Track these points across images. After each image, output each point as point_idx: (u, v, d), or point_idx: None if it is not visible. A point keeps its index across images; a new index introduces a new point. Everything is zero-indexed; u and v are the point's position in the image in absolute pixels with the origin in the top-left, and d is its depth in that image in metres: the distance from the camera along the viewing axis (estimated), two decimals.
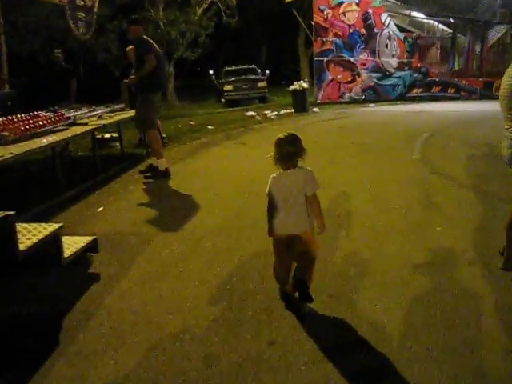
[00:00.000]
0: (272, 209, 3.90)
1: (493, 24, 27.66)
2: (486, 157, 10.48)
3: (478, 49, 27.82)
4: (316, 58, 23.29)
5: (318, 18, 22.85)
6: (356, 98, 24.15)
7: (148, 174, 8.90)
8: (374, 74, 24.45)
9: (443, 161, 9.84)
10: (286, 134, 3.96)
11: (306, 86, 19.38)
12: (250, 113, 19.32)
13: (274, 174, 3.94)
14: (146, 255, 5.36)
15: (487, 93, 27.06)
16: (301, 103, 19.47)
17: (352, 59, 23.73)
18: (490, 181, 8.24)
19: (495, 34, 28.12)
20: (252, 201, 7.06)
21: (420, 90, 25.79)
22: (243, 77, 27.46)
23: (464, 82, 26.65)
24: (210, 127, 15.44)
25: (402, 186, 7.84)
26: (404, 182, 8.13)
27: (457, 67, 27.63)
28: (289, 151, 3.85)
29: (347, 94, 24.06)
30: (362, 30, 23.64)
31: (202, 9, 26.75)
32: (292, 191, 3.82)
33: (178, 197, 7.85)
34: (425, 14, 25.88)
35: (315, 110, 20.32)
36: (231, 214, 6.76)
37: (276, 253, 4.00)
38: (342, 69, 23.63)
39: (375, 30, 23.92)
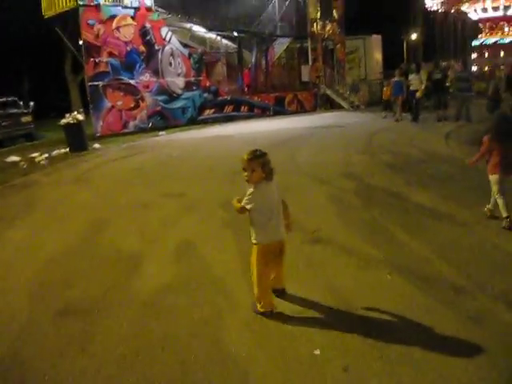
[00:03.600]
0: (258, 219, 3.96)
1: (276, 37, 26.31)
2: (347, 192, 7.78)
3: (264, 63, 26.24)
4: (90, 83, 19.17)
5: (87, 36, 18.79)
6: (142, 126, 20.66)
7: None
8: (160, 97, 21.23)
9: (305, 211, 6.81)
10: (253, 150, 3.95)
11: (81, 117, 15.33)
12: (13, 158, 14.61)
13: (253, 188, 3.91)
14: None
15: (279, 108, 25.58)
16: (78, 140, 15.35)
17: (132, 81, 20.18)
18: (392, 243, 5.39)
19: (279, 47, 26.83)
20: None
21: (212, 110, 23.27)
22: (1, 112, 22.19)
23: (256, 98, 24.78)
24: None
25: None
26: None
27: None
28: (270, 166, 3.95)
29: (132, 123, 20.42)
30: (141, 48, 20.22)
31: None
32: (275, 200, 4.01)
33: None
34: (207, 28, 23.38)
35: (97, 146, 16.35)
36: None
37: (268, 261, 3.98)
38: (122, 93, 19.90)
39: (156, 47, 20.69)
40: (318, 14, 26.73)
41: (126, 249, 5.85)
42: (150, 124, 20.89)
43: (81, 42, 19.27)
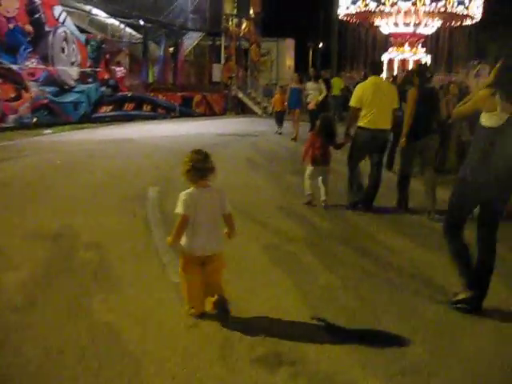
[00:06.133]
0: (185, 227, 3.68)
1: (187, 30, 23.84)
2: (297, 243, 5.49)
3: (172, 59, 23.72)
4: None
5: None
6: (25, 121, 17.36)
7: None
8: (48, 88, 18.03)
9: (239, 280, 4.48)
10: (197, 149, 3.70)
11: None
12: None
13: (188, 191, 3.66)
14: None
15: (186, 110, 23.15)
16: None
17: (14, 67, 16.93)
18: None
19: (189, 42, 24.37)
20: None
21: (110, 108, 20.39)
22: None
23: (161, 97, 22.17)
24: None
25: None
26: None
27: (151, 79, 22.94)
28: (205, 167, 3.62)
29: (11, 116, 17.03)
30: (28, 27, 17.02)
31: None
32: (211, 210, 3.71)
33: None
34: (109, 13, 20.50)
35: None
36: None
37: (191, 273, 3.74)
38: (0, 80, 16.66)
39: (46, 28, 17.55)
40: (235, 10, 24.62)
41: None
42: (35, 119, 17.63)
43: None
